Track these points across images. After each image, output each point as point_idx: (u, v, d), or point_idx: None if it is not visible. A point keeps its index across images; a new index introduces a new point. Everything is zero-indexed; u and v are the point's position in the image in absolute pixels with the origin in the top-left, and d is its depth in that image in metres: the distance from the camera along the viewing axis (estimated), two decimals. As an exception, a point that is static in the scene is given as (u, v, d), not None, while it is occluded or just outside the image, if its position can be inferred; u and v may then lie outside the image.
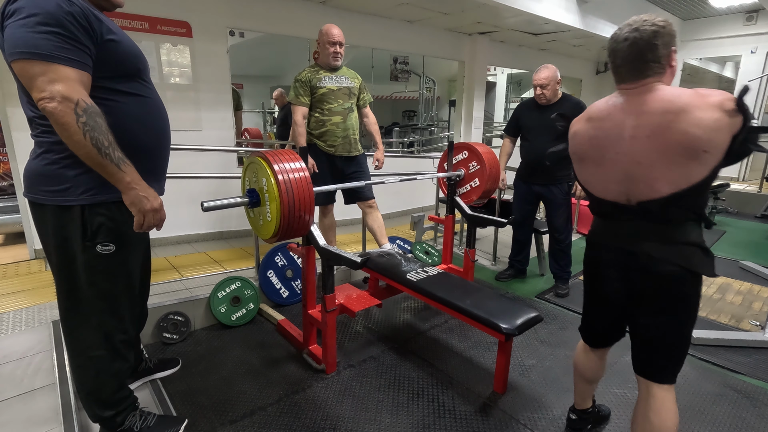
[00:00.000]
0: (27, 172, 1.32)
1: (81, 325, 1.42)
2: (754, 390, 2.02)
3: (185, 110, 3.56)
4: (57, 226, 1.31)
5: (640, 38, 1.20)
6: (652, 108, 1.19)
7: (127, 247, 1.43)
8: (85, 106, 1.16)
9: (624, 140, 1.24)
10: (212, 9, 3.56)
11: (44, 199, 1.29)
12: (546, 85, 2.74)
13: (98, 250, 1.34)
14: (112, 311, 1.45)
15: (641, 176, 1.22)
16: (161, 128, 1.47)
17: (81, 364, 1.45)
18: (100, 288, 1.39)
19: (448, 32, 5.69)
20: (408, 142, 9.01)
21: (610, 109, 1.31)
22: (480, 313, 1.91)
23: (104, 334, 1.44)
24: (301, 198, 1.73)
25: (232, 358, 2.22)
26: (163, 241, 3.63)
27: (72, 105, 1.13)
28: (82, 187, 1.28)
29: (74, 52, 1.16)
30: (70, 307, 1.41)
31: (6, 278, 2.78)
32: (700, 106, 1.10)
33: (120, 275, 1.44)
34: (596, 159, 1.35)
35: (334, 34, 2.69)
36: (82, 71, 1.18)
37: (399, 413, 1.82)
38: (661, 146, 1.16)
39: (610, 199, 1.33)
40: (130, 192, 1.26)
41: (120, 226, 1.37)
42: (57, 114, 1.12)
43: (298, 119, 2.72)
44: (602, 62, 8.89)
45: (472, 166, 2.83)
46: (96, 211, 1.31)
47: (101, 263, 1.36)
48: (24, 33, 1.11)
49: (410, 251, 3.39)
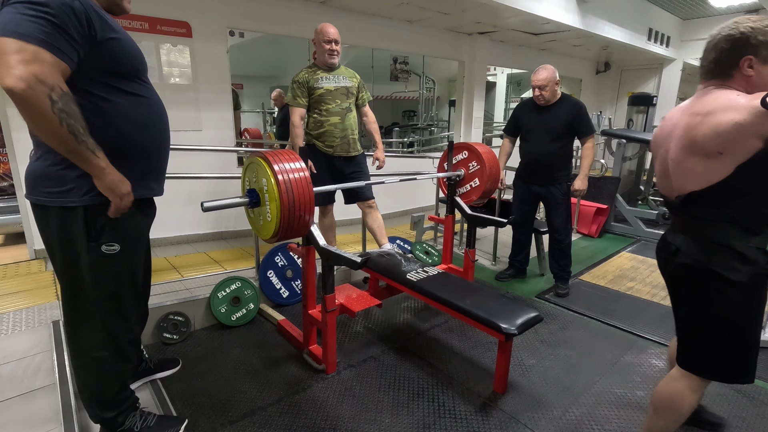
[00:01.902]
0: (29, 174, 1.31)
1: (85, 326, 1.41)
2: (754, 390, 2.02)
3: (185, 110, 3.55)
4: (60, 227, 1.31)
5: (712, 39, 1.23)
6: (694, 110, 1.23)
7: (131, 247, 1.43)
8: (61, 93, 1.09)
9: (671, 138, 1.30)
10: (212, 9, 3.56)
11: (47, 201, 1.29)
12: (544, 86, 2.74)
13: (103, 251, 1.34)
14: (118, 311, 1.45)
15: (674, 172, 1.29)
16: (161, 129, 1.46)
17: (84, 365, 1.45)
18: (106, 288, 1.39)
19: (448, 32, 5.69)
20: (408, 142, 9.00)
21: (674, 109, 1.37)
22: (480, 313, 1.91)
23: (109, 335, 1.44)
24: (301, 198, 1.73)
25: (232, 358, 2.22)
26: (163, 241, 3.63)
27: (46, 90, 1.06)
28: (85, 188, 1.27)
29: (60, 41, 1.11)
30: (74, 308, 1.40)
31: (6, 278, 2.78)
32: (726, 109, 1.12)
33: (125, 275, 1.44)
34: (655, 155, 1.43)
35: (329, 33, 2.69)
36: (62, 61, 1.12)
37: (399, 413, 1.82)
38: (685, 144, 1.22)
39: (663, 193, 1.41)
40: (105, 177, 1.23)
41: (123, 225, 1.37)
42: (28, 98, 1.04)
43: (296, 120, 2.72)
44: (602, 62, 8.89)
45: (472, 166, 2.83)
46: (99, 211, 1.31)
47: (106, 263, 1.36)
48: (13, 16, 1.06)
49: (410, 251, 3.39)
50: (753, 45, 1.16)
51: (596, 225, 4.54)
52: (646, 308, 2.87)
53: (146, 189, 1.44)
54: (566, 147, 2.90)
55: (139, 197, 1.39)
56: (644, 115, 6.78)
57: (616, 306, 2.91)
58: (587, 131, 2.83)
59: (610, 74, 9.04)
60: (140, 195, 1.40)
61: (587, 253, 4.01)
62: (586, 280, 3.37)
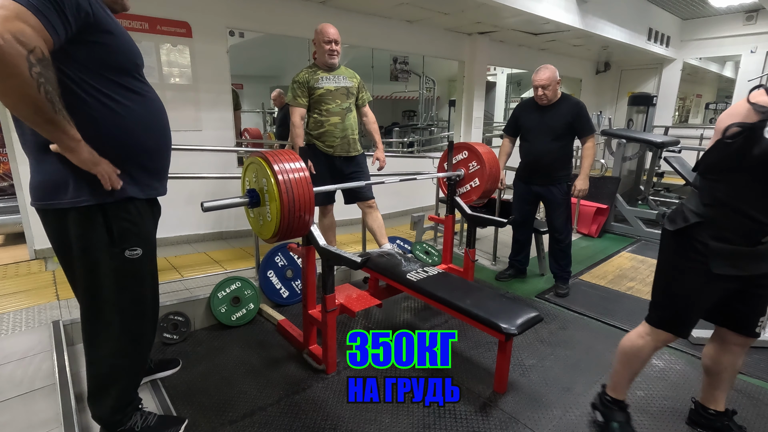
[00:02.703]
0: (35, 184, 1.29)
1: (105, 333, 1.41)
2: (754, 390, 2.02)
3: (185, 110, 3.56)
4: (80, 235, 1.29)
5: None
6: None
7: (152, 249, 1.44)
8: (41, 56, 1.01)
9: None
10: (212, 9, 3.56)
11: (61, 204, 1.26)
12: (547, 85, 2.74)
13: (127, 256, 1.34)
14: (141, 316, 1.46)
15: None
16: (163, 128, 1.46)
17: (103, 373, 1.45)
18: (132, 293, 1.40)
19: (448, 32, 5.69)
20: (408, 142, 9.00)
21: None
22: (480, 313, 1.91)
23: (130, 342, 1.44)
24: (301, 198, 1.73)
25: (232, 358, 2.22)
26: (163, 241, 3.62)
27: (24, 51, 0.97)
28: (93, 187, 1.25)
29: (49, 11, 1.04)
30: (95, 316, 1.39)
31: (6, 278, 2.78)
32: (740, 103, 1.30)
33: (148, 278, 1.45)
34: None
35: (329, 33, 2.69)
36: (45, 30, 1.03)
37: (399, 413, 1.82)
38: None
39: None
40: (82, 149, 1.17)
41: (143, 229, 1.38)
42: (3, 54, 0.94)
43: (296, 120, 2.72)
44: (602, 62, 8.89)
45: (472, 166, 2.83)
46: (118, 215, 1.30)
47: (132, 268, 1.36)
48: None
49: (410, 251, 3.39)
50: None
51: (596, 225, 4.54)
52: (646, 308, 2.84)
53: (152, 189, 1.44)
54: (566, 147, 2.90)
55: (146, 197, 1.40)
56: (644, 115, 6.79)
57: (616, 306, 2.91)
58: (588, 131, 2.83)
59: (610, 74, 9.05)
60: (147, 195, 1.40)
61: (587, 253, 4.01)
62: (586, 280, 3.37)
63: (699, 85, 11.89)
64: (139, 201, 1.38)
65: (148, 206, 1.42)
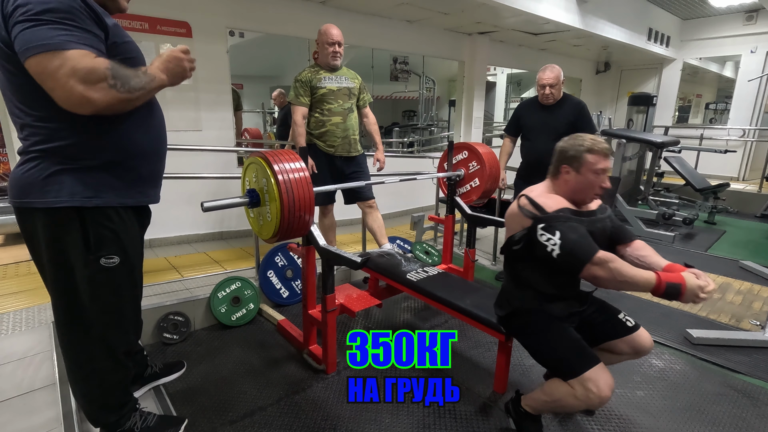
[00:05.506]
0: (13, 181, 1.24)
1: (82, 339, 1.37)
2: (754, 390, 2.02)
3: (185, 110, 3.56)
4: (52, 238, 1.24)
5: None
6: None
7: (132, 258, 1.39)
8: (111, 72, 1.11)
9: None
10: (212, 9, 3.56)
11: (32, 203, 1.21)
12: (554, 84, 2.75)
13: (102, 264, 1.30)
14: (118, 324, 1.42)
15: None
16: (159, 132, 1.44)
17: (84, 377, 1.41)
18: (106, 301, 1.35)
19: (448, 32, 5.69)
20: (408, 142, 9.00)
21: None
22: (480, 313, 1.91)
23: (109, 347, 1.40)
24: (301, 198, 1.73)
25: (232, 358, 2.22)
26: (163, 241, 3.63)
27: (105, 84, 1.10)
28: (73, 188, 1.22)
29: (87, 38, 1.12)
30: (70, 322, 1.35)
31: (6, 278, 2.78)
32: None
33: (125, 287, 1.40)
34: None
35: (333, 34, 2.69)
36: (96, 52, 1.13)
37: (399, 413, 1.82)
38: None
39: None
40: (164, 80, 1.27)
41: (123, 236, 1.33)
42: (101, 105, 1.11)
43: (298, 119, 2.72)
44: (602, 62, 8.89)
45: (472, 165, 2.83)
46: (96, 221, 1.26)
47: (106, 277, 1.32)
48: (32, 27, 1.05)
49: (410, 251, 3.39)
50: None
51: (596, 225, 4.53)
52: (646, 308, 2.87)
53: (143, 196, 1.40)
54: None
55: (134, 205, 1.37)
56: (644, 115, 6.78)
57: (616, 306, 2.89)
58: (589, 130, 2.83)
59: (610, 74, 9.04)
60: (136, 202, 1.37)
61: (587, 253, 4.00)
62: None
63: (699, 84, 11.89)
64: (123, 209, 1.33)
65: (134, 214, 1.37)
